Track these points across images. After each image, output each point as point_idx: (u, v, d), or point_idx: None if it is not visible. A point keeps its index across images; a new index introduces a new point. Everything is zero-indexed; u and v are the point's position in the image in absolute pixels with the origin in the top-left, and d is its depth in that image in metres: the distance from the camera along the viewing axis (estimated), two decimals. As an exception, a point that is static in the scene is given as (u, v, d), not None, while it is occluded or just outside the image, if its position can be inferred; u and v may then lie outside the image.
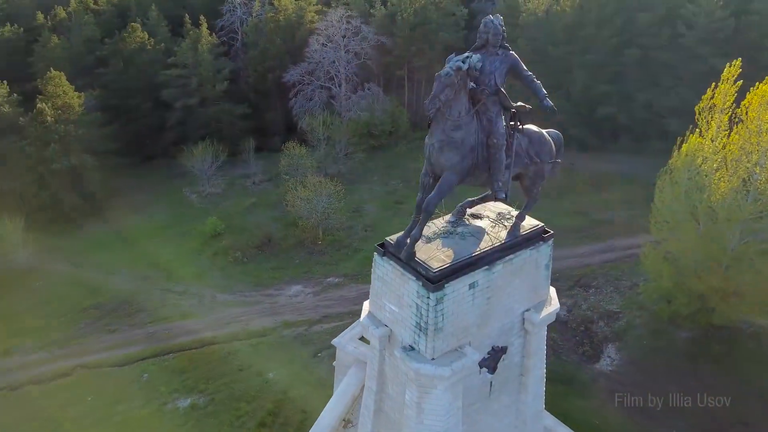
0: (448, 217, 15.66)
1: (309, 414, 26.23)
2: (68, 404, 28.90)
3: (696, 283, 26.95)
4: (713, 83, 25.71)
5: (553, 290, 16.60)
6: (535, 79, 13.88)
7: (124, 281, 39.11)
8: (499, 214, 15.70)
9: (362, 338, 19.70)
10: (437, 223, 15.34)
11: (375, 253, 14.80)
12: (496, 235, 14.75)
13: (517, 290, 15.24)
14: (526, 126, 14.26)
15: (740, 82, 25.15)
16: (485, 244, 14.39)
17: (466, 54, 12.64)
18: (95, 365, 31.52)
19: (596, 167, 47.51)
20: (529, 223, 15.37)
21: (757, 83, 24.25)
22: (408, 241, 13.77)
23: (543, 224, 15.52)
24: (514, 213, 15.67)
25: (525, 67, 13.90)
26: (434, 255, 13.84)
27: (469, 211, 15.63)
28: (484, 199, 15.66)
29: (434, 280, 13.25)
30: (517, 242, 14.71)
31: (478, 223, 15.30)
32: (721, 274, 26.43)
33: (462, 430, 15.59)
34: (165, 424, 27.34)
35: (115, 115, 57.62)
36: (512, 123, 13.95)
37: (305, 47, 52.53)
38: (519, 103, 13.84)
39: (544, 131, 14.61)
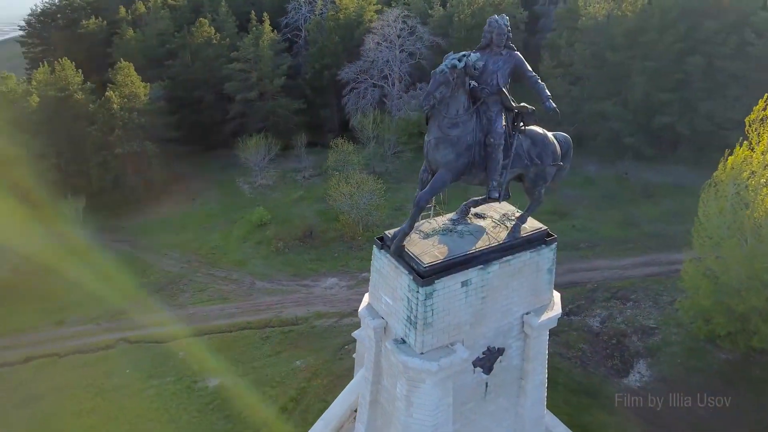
0: (451, 215, 15.76)
1: (329, 403, 26.69)
2: (108, 374, 30.71)
3: (737, 303, 25.67)
4: (766, 95, 24.45)
5: (557, 295, 16.36)
6: (539, 81, 13.79)
7: (173, 263, 41.04)
8: (503, 215, 15.65)
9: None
10: (439, 221, 15.49)
11: (374, 246, 15.12)
12: (495, 236, 14.73)
13: (516, 292, 15.14)
14: (530, 127, 14.14)
15: (796, 94, 23.84)
16: (482, 244, 14.40)
17: (464, 52, 12.72)
18: (137, 340, 33.31)
19: (651, 178, 45.86)
20: (532, 225, 15.24)
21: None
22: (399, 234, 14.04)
23: (546, 227, 15.34)
24: (519, 214, 15.58)
25: (529, 68, 13.84)
26: (428, 251, 13.99)
27: (473, 210, 15.68)
28: (487, 200, 15.62)
29: (424, 275, 13.41)
30: (515, 244, 14.63)
31: (479, 222, 15.32)
32: (765, 295, 25.10)
33: (454, 429, 15.67)
34: (193, 401, 28.58)
35: (180, 105, 60.28)
36: (514, 123, 13.91)
37: (361, 46, 53.20)
38: (522, 104, 13.77)
39: (549, 133, 14.45)
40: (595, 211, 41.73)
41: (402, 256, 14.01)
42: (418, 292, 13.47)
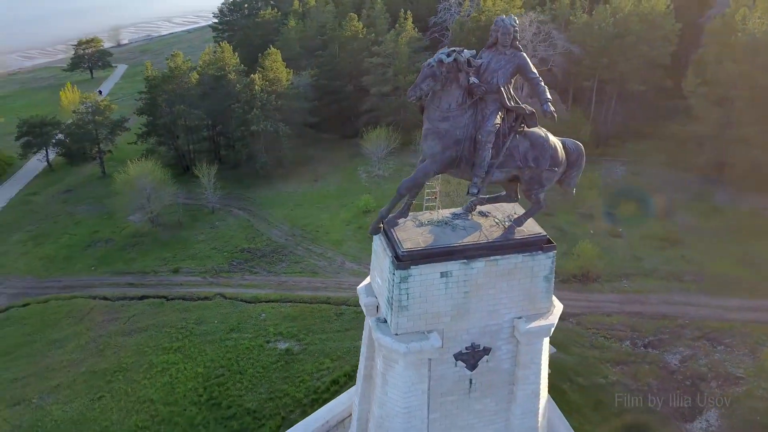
0: (457, 210, 16.05)
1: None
2: (199, 321, 34.54)
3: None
4: None
5: (558, 305, 15.94)
6: (541, 83, 13.66)
7: (280, 235, 44.57)
8: (507, 216, 15.65)
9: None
10: (442, 213, 15.89)
11: (374, 228, 15.91)
12: (488, 234, 14.85)
13: (506, 294, 15.12)
14: (532, 129, 14.02)
15: None
16: (471, 240, 14.61)
17: (454, 48, 13.04)
18: (230, 296, 36.92)
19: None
20: (531, 230, 15.07)
21: None
22: (394, 217, 14.74)
23: (545, 234, 15.06)
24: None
25: (533, 69, 13.73)
26: (413, 238, 14.56)
27: (479, 208, 15.82)
28: (495, 199, 15.71)
29: (400, 259, 14.03)
30: (506, 244, 14.63)
31: (479, 220, 15.49)
32: None
33: (432, 417, 16.05)
34: (261, 358, 31.23)
35: (324, 93, 64.60)
36: (514, 124, 13.89)
37: (493, 48, 52.94)
38: (518, 105, 13.72)
39: (551, 138, 14.18)
40: (713, 244, 37.95)
41: (389, 238, 14.69)
42: (393, 274, 14.13)
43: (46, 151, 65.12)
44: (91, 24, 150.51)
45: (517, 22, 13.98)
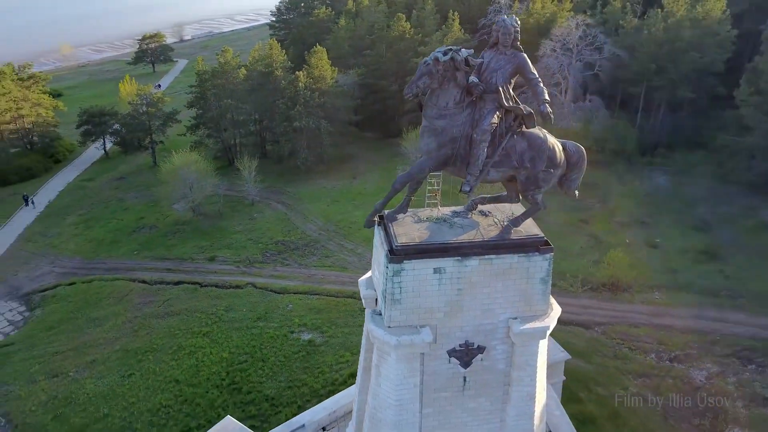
0: (458, 208, 16.16)
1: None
2: (228, 309, 35.72)
3: None
4: None
5: (556, 309, 15.77)
6: (540, 83, 13.65)
7: (314, 229, 45.46)
8: (507, 216, 15.60)
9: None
10: (442, 210, 16.02)
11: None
12: (485, 233, 14.90)
13: (501, 294, 15.12)
14: (531, 130, 14.00)
15: None
16: (466, 238, 14.71)
17: (451, 46, 13.20)
18: (261, 286, 37.98)
19: None
20: (529, 231, 15.02)
21: None
22: (388, 212, 15.01)
23: (543, 236, 14.97)
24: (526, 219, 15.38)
25: (532, 70, 13.74)
26: (409, 233, 14.79)
27: (480, 207, 15.88)
28: (497, 199, 15.75)
29: (394, 253, 14.29)
30: (501, 244, 14.62)
31: (479, 219, 15.55)
32: None
33: (424, 412, 16.23)
34: (284, 347, 32.03)
35: (368, 92, 65.30)
36: (513, 123, 13.92)
37: (537, 51, 52.34)
38: (515, 105, 13.74)
39: (550, 139, 14.10)
40: (755, 261, 36.41)
41: (387, 233, 14.97)
42: (387, 267, 14.39)
43: (104, 140, 68.51)
44: (157, 20, 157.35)
45: (519, 22, 13.99)
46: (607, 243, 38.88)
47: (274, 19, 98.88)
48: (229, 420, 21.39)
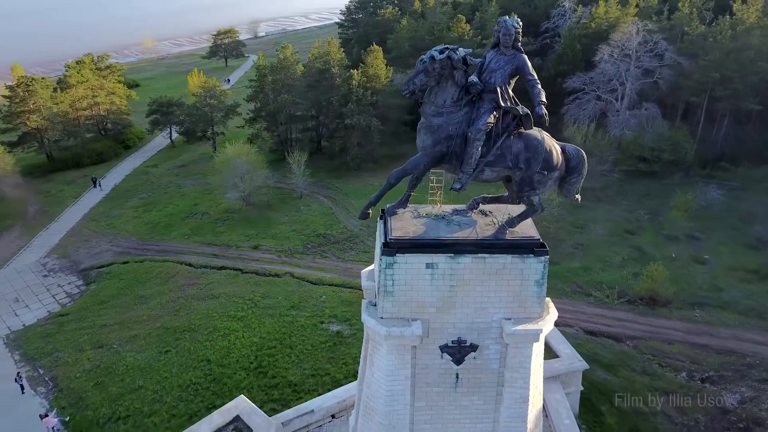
0: (459, 206, 16.36)
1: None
2: (265, 296, 36.93)
3: None
4: None
5: (553, 312, 15.72)
6: (538, 85, 13.69)
7: (355, 224, 46.23)
8: (507, 217, 15.67)
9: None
10: (443, 208, 16.30)
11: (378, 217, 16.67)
12: (481, 232, 15.08)
13: (494, 293, 15.25)
14: (529, 131, 14.04)
15: None
16: (461, 235, 14.92)
17: (447, 45, 13.45)
18: (299, 276, 39.06)
19: None
20: (525, 232, 15.06)
21: None
22: (389, 206, 15.42)
23: (539, 238, 14.95)
24: (525, 220, 15.39)
25: (531, 71, 13.79)
26: (405, 227, 15.19)
27: (481, 206, 16.03)
28: (498, 200, 15.86)
29: (387, 245, 14.69)
30: (494, 243, 14.76)
31: (478, 218, 15.74)
32: None
33: (416, 406, 16.55)
34: (313, 337, 32.85)
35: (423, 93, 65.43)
36: (511, 123, 13.99)
37: (595, 57, 51.10)
38: (512, 105, 13.80)
39: (547, 140, 14.07)
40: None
41: (385, 226, 15.39)
42: (380, 259, 14.82)
43: (170, 129, 71.91)
44: (235, 16, 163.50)
45: (520, 23, 14.05)
46: (650, 256, 37.62)
47: (343, 17, 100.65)
48: (242, 399, 22.34)
